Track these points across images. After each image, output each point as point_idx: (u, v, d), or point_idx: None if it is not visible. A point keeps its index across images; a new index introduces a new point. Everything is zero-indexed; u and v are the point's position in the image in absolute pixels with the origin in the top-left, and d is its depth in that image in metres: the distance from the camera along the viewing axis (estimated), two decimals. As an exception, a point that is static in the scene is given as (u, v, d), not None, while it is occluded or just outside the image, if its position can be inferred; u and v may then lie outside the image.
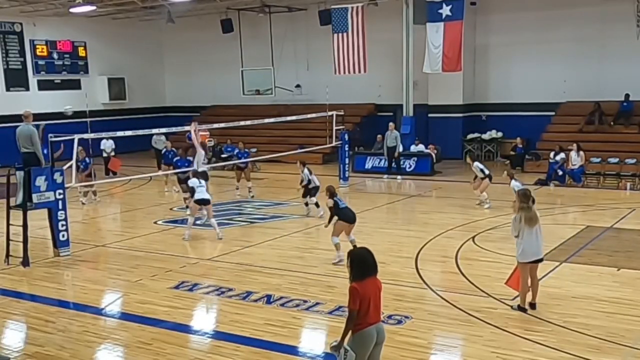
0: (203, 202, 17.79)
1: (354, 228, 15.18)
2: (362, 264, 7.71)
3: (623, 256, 15.09)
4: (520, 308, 11.39)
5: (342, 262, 14.93)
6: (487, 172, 21.13)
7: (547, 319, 11.08)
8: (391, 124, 29.01)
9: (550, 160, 25.49)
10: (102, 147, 28.92)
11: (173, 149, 25.73)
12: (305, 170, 20.12)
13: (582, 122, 28.98)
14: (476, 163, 21.61)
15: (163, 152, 27.42)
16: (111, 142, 28.99)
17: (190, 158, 21.98)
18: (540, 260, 11.42)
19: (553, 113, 30.87)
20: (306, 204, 20.31)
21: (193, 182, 18.01)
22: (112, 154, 29.12)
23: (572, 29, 30.05)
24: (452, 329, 10.98)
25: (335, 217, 15.11)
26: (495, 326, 10.88)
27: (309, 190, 20.17)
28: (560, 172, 24.94)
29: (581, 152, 25.01)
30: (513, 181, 18.30)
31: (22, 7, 32.84)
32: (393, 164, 28.38)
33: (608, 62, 29.72)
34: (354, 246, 15.70)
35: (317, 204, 19.99)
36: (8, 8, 32.25)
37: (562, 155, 25.16)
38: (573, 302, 11.96)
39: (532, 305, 11.39)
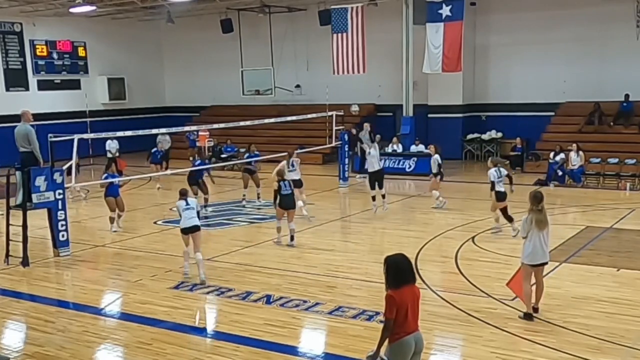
0: (190, 231, 14.28)
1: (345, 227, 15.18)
2: (399, 271, 7.48)
3: (623, 256, 15.10)
4: (527, 315, 11.17)
5: (280, 242, 16.75)
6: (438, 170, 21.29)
7: (547, 319, 11.07)
8: (366, 125, 29.03)
9: (550, 161, 25.46)
10: (107, 148, 28.84)
11: (162, 149, 26.37)
12: (493, 171, 17.87)
13: (582, 123, 28.95)
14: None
15: (152, 151, 27.52)
16: (116, 142, 28.90)
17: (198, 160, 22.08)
18: (546, 263, 11.38)
19: (553, 113, 30.86)
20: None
21: (180, 204, 14.45)
22: (117, 154, 29.08)
23: (572, 29, 30.03)
24: (451, 329, 10.98)
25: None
26: (495, 326, 10.88)
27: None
28: (560, 173, 24.92)
29: (581, 153, 25.01)
30: (492, 169, 17.42)
31: (22, 7, 32.81)
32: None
33: (608, 63, 29.71)
34: (292, 236, 16.61)
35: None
36: (8, 8, 32.20)
37: (562, 155, 25.15)
38: (573, 303, 11.96)
39: (535, 309, 11.31)
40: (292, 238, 16.69)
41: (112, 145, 29.01)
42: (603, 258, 14.95)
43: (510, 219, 16.86)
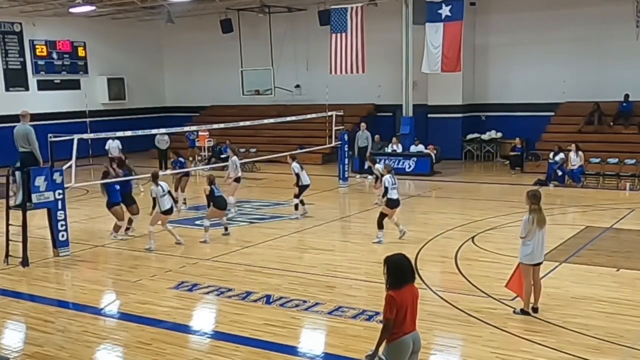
0: (169, 212, 17.12)
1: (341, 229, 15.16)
2: (399, 271, 7.44)
3: (622, 256, 15.08)
4: (524, 312, 11.29)
5: (207, 242, 17.20)
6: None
7: (547, 319, 11.07)
8: (363, 124, 29.05)
9: (550, 161, 25.43)
10: (106, 147, 28.78)
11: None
12: (294, 164, 20.03)
13: (582, 123, 28.94)
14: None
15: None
16: (117, 142, 28.86)
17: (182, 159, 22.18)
18: (542, 262, 11.40)
19: (552, 113, 30.86)
20: (302, 202, 20.20)
21: (157, 190, 16.76)
22: (119, 155, 29.07)
23: (571, 29, 30.02)
24: (451, 329, 10.98)
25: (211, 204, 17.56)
26: (495, 326, 10.88)
27: (300, 189, 20.09)
28: (560, 173, 24.89)
29: (580, 152, 24.99)
30: (387, 176, 17.13)
31: (22, 7, 32.80)
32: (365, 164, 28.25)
33: (608, 63, 29.70)
34: (226, 231, 17.50)
35: (302, 202, 20.07)
36: (8, 8, 32.20)
37: (562, 155, 25.10)
38: (572, 303, 11.96)
39: (535, 309, 11.32)
40: (226, 229, 18.10)
41: (112, 145, 28.94)
42: (603, 258, 14.93)
43: (380, 227, 16.73)
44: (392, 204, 16.81)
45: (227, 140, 30.32)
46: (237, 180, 20.72)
